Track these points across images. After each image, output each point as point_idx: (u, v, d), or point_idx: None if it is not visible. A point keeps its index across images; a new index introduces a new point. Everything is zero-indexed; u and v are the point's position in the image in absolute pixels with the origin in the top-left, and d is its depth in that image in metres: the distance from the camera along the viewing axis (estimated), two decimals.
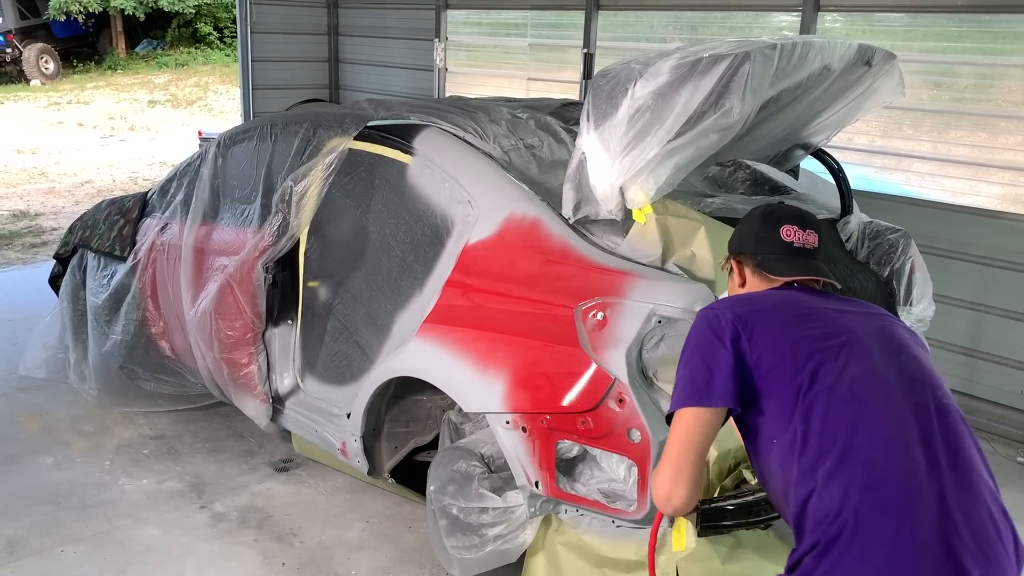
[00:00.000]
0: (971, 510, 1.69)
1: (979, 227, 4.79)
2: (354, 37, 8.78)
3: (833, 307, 1.96)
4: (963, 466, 1.73)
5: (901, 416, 1.75)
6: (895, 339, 1.90)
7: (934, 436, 1.74)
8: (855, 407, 1.75)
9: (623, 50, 6.45)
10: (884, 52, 3.16)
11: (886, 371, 1.82)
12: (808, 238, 2.05)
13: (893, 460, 1.70)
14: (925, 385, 1.82)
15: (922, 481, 1.68)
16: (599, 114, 2.70)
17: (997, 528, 1.70)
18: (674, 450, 1.89)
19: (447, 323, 3.08)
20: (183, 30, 22.24)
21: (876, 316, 1.98)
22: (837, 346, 1.83)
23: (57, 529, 3.59)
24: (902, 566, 1.63)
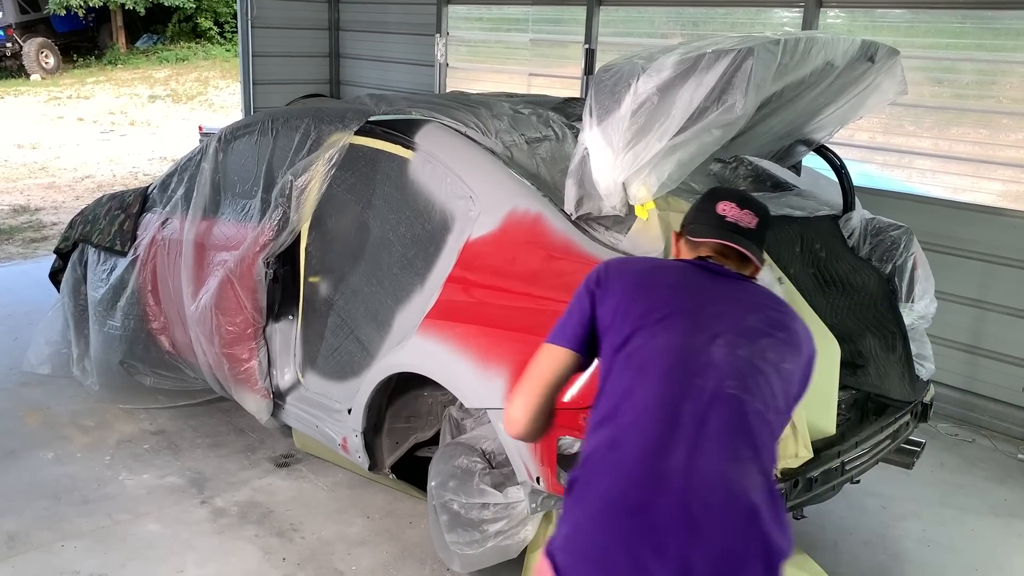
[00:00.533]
0: (699, 494, 1.71)
1: (981, 224, 4.79)
2: (355, 32, 8.76)
3: (704, 287, 1.97)
4: (714, 454, 1.74)
5: (671, 392, 1.80)
6: (741, 331, 1.88)
7: (695, 418, 1.77)
8: (636, 375, 1.85)
9: (624, 46, 6.44)
10: (887, 48, 3.15)
11: (688, 352, 1.84)
12: (743, 216, 2.04)
13: (639, 427, 1.79)
14: (722, 374, 1.81)
15: (654, 452, 1.75)
16: (602, 109, 2.69)
17: (725, 517, 1.70)
18: (526, 377, 2.03)
19: (448, 319, 3.08)
20: (183, 25, 22.22)
21: (753, 308, 1.95)
22: (657, 319, 1.89)
23: (58, 524, 3.59)
24: (602, 523, 1.74)
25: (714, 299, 1.95)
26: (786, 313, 1.98)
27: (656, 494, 1.72)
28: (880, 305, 3.34)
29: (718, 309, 1.93)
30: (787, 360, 1.88)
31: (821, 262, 3.25)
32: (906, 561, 3.62)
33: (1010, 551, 3.75)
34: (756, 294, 2.01)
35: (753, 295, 2.00)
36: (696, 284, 1.99)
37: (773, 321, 1.93)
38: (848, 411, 3.14)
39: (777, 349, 1.88)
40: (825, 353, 2.90)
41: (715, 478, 1.73)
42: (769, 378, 1.84)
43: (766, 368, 1.84)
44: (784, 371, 1.87)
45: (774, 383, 1.84)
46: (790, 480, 2.73)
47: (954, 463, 4.48)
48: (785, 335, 1.91)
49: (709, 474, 1.73)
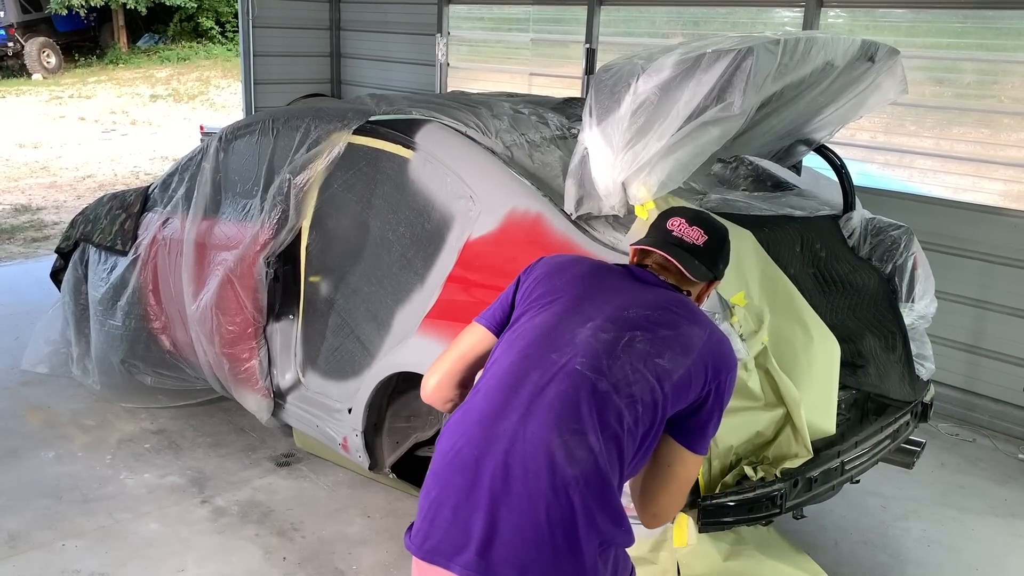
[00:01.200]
0: (520, 458, 1.76)
1: (981, 224, 4.79)
2: (356, 32, 8.76)
3: (609, 283, 2.01)
4: (542, 421, 1.78)
5: (525, 363, 1.87)
6: (615, 320, 1.91)
7: (536, 387, 1.82)
8: (506, 348, 1.95)
9: (625, 46, 6.44)
10: (887, 48, 3.15)
11: (556, 331, 1.91)
12: (690, 232, 2.06)
13: (489, 392, 1.87)
14: (576, 352, 1.85)
15: (493, 415, 1.82)
16: (601, 109, 2.69)
17: (537, 484, 1.73)
18: (448, 347, 2.15)
19: (449, 318, 3.08)
20: (185, 24, 22.23)
21: (645, 306, 1.95)
22: (546, 303, 1.99)
23: (58, 523, 3.59)
24: (438, 477, 1.84)
25: (609, 293, 1.98)
26: (685, 317, 1.95)
27: (485, 453, 1.78)
28: (880, 305, 3.34)
29: (606, 299, 1.96)
30: (664, 356, 1.86)
31: (821, 262, 3.25)
32: (906, 561, 3.62)
33: (1010, 551, 3.75)
34: (664, 297, 1.99)
35: (659, 297, 1.99)
36: (603, 279, 2.03)
37: (660, 319, 1.92)
38: (848, 411, 3.14)
39: (652, 343, 1.87)
40: (825, 353, 2.91)
41: (539, 444, 1.76)
42: (631, 364, 1.84)
43: (631, 355, 1.85)
44: (658, 365, 1.85)
45: (637, 371, 1.83)
46: (790, 480, 2.73)
47: (954, 463, 4.47)
48: (669, 333, 1.90)
49: (534, 439, 1.76)
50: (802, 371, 2.84)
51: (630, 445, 1.82)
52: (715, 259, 2.09)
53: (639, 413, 1.82)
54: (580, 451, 1.75)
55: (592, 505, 1.74)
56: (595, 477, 1.75)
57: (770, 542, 2.94)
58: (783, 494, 2.70)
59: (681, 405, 1.90)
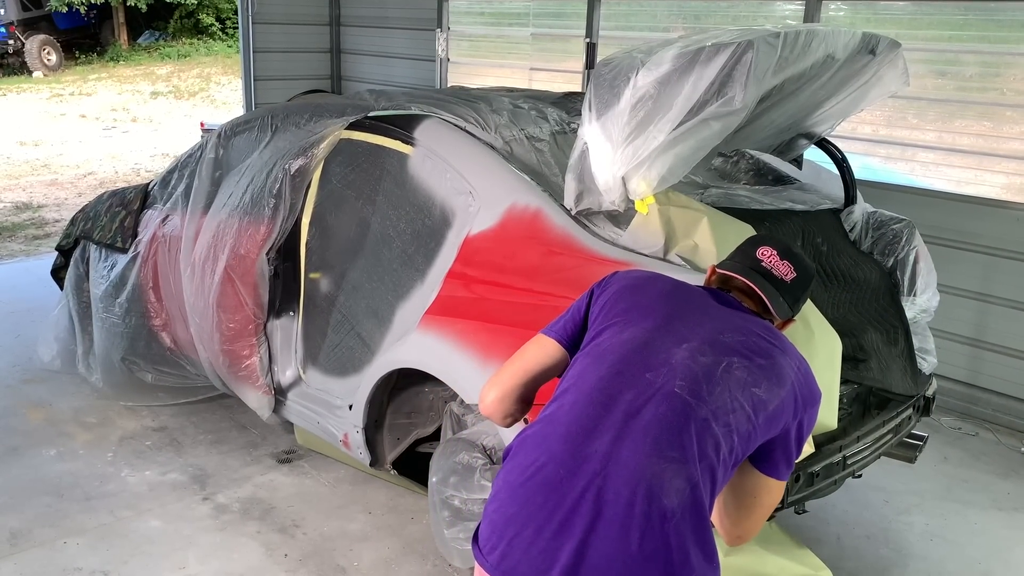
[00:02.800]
0: (613, 482, 1.67)
1: (984, 217, 4.77)
2: (356, 27, 8.75)
3: (695, 304, 1.94)
4: (639, 445, 1.70)
5: (616, 380, 1.79)
6: (712, 343, 1.84)
7: (630, 407, 1.74)
8: (592, 362, 1.86)
9: (626, 40, 6.42)
10: (888, 40, 3.14)
11: (649, 348, 1.83)
12: (780, 265, 1.99)
13: (576, 407, 1.78)
14: (675, 374, 1.77)
15: (581, 433, 1.73)
16: (601, 104, 2.68)
17: (630, 511, 1.64)
18: (510, 360, 2.05)
19: (449, 314, 3.07)
20: (185, 21, 22.21)
21: (737, 331, 1.88)
22: (632, 318, 1.90)
23: (60, 521, 3.59)
24: (516, 493, 1.74)
25: (699, 314, 1.91)
26: (777, 346, 1.88)
27: (573, 474, 1.69)
28: (882, 299, 3.33)
29: (697, 321, 1.89)
30: (760, 385, 1.79)
31: (823, 256, 3.24)
32: (909, 555, 3.62)
33: (1013, 545, 3.75)
34: (751, 323, 1.91)
35: (747, 323, 1.91)
36: (689, 299, 1.96)
37: (755, 346, 1.85)
38: (850, 405, 3.13)
39: (750, 371, 1.80)
40: (826, 347, 2.90)
41: (634, 470, 1.67)
42: (729, 392, 1.77)
43: (728, 382, 1.78)
44: (754, 395, 1.78)
45: (736, 399, 1.76)
46: (792, 475, 2.71)
47: (957, 457, 4.47)
48: (765, 362, 1.83)
49: (629, 464, 1.68)
50: None
51: (722, 475, 1.75)
52: (798, 298, 2.01)
53: (735, 443, 1.75)
54: (679, 481, 1.67)
55: (687, 539, 1.66)
56: (692, 509, 1.67)
57: (772, 537, 2.93)
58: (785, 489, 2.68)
59: (771, 435, 1.83)
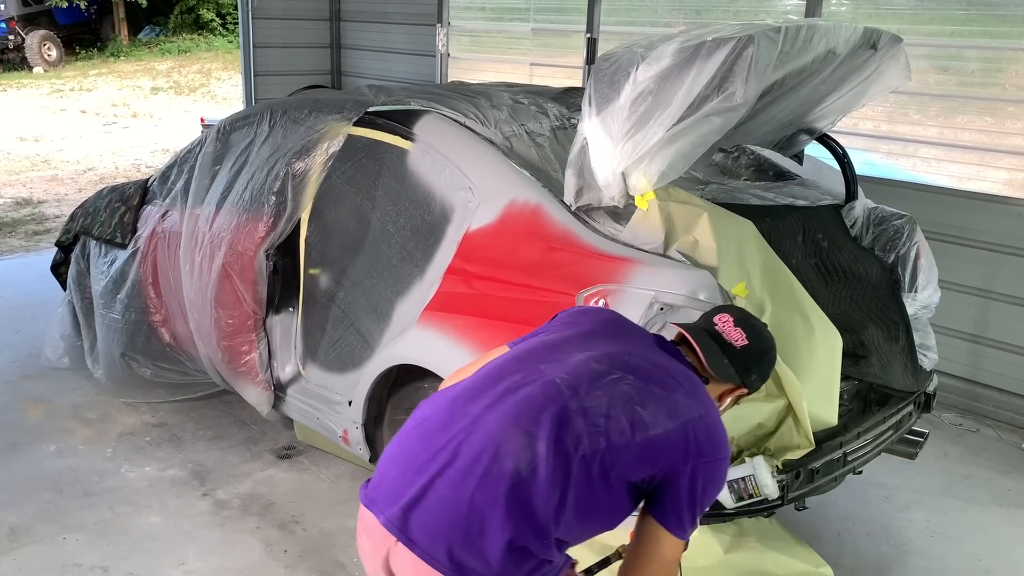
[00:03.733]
0: (470, 439, 1.83)
1: (986, 213, 4.75)
2: (356, 23, 8.73)
3: (626, 336, 2.08)
4: (503, 414, 1.84)
5: (514, 365, 1.98)
6: (613, 358, 1.95)
7: (513, 385, 1.90)
8: (509, 352, 2.09)
9: (627, 35, 6.40)
10: (890, 35, 3.12)
11: (555, 348, 2.01)
12: (732, 332, 2.06)
13: (471, 381, 1.97)
14: (563, 369, 1.91)
15: (466, 398, 1.93)
16: (601, 99, 2.67)
17: (473, 468, 1.79)
18: (472, 362, 2.27)
19: (448, 310, 3.06)
20: (186, 16, 22.17)
21: (648, 362, 1.98)
22: (561, 328, 2.12)
23: (59, 516, 3.59)
24: (401, 440, 1.96)
25: (623, 340, 2.03)
26: (684, 387, 1.93)
27: (446, 428, 1.87)
28: (883, 295, 3.32)
29: (615, 342, 2.01)
30: (646, 407, 1.85)
31: (823, 252, 3.23)
32: (909, 552, 3.61)
33: (1014, 541, 3.74)
34: (673, 366, 1.99)
35: (669, 364, 1.98)
36: (625, 331, 2.10)
37: (658, 377, 1.93)
38: (850, 402, 3.12)
39: (639, 391, 1.87)
40: (827, 343, 2.90)
41: (491, 432, 1.82)
42: (609, 399, 1.85)
43: (612, 391, 1.86)
44: (636, 413, 1.84)
45: (614, 408, 1.84)
46: (792, 471, 2.71)
47: (958, 453, 4.46)
48: (660, 391, 1.89)
49: (489, 427, 1.83)
50: (804, 362, 2.82)
51: (580, 477, 1.80)
52: (748, 366, 2.06)
53: (600, 447, 1.81)
54: (526, 452, 1.78)
55: (517, 506, 1.76)
56: (530, 482, 1.77)
57: (772, 533, 2.93)
58: (785, 485, 2.68)
59: (653, 468, 1.86)
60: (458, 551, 1.76)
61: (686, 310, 2.61)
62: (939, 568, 3.52)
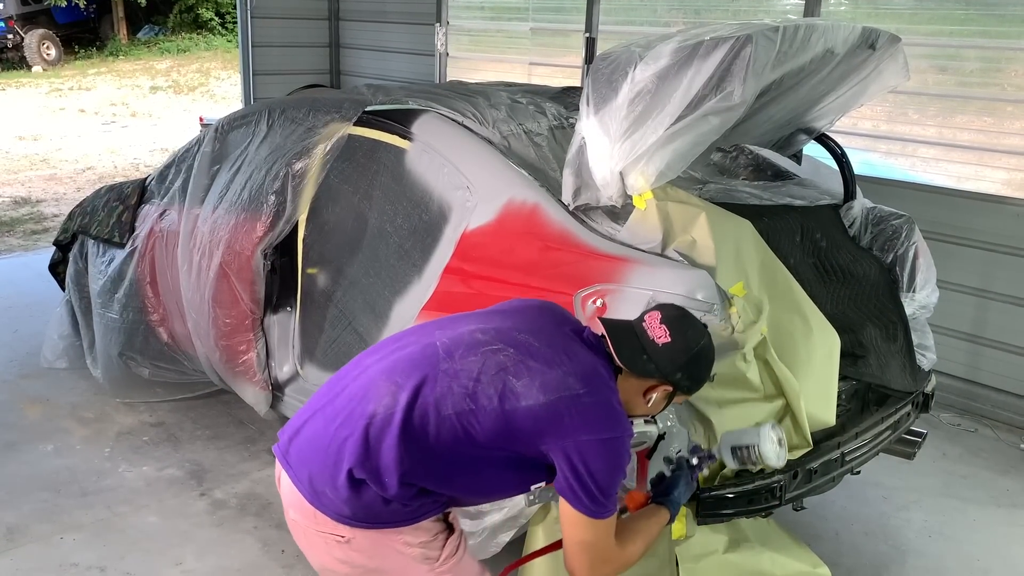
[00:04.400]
0: (354, 383, 2.08)
1: (984, 213, 4.75)
2: (355, 22, 8.72)
3: (540, 320, 2.16)
4: (384, 365, 2.07)
5: (416, 331, 2.20)
6: (500, 333, 2.07)
7: (404, 344, 2.12)
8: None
9: (626, 34, 6.40)
10: (888, 35, 3.12)
11: (459, 323, 2.16)
12: (656, 329, 2.07)
13: (384, 340, 2.24)
14: (448, 335, 2.08)
15: (366, 354, 2.18)
16: (599, 98, 2.66)
17: (346, 407, 2.04)
18: None
19: (446, 310, 3.05)
20: (185, 16, 22.15)
21: (546, 342, 2.06)
22: (480, 311, 2.27)
23: (57, 516, 3.59)
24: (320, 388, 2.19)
25: (527, 321, 2.14)
26: (574, 370, 1.99)
27: (343, 377, 2.13)
28: (881, 295, 3.31)
29: (517, 322, 2.12)
30: (520, 379, 1.95)
31: (822, 251, 3.23)
32: (907, 552, 3.61)
33: (1012, 541, 3.74)
34: (575, 348, 2.05)
35: (568, 344, 2.06)
36: (544, 318, 2.18)
37: (543, 355, 2.00)
38: (848, 402, 3.12)
39: (515, 363, 1.97)
40: (825, 343, 2.89)
41: (369, 378, 2.04)
42: (482, 366, 1.97)
43: (487, 360, 1.98)
44: (508, 383, 1.94)
45: (485, 374, 1.96)
46: (789, 471, 2.71)
47: (956, 453, 4.46)
48: (539, 367, 1.97)
49: (370, 374, 2.06)
50: (801, 362, 2.82)
51: (445, 434, 1.95)
52: (665, 363, 2.05)
53: (466, 408, 1.94)
54: (388, 398, 1.98)
55: (365, 443, 1.96)
56: (383, 426, 1.95)
57: (770, 534, 2.93)
58: (783, 486, 2.68)
59: (531, 441, 1.95)
60: (317, 478, 2.01)
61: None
62: (937, 568, 3.52)
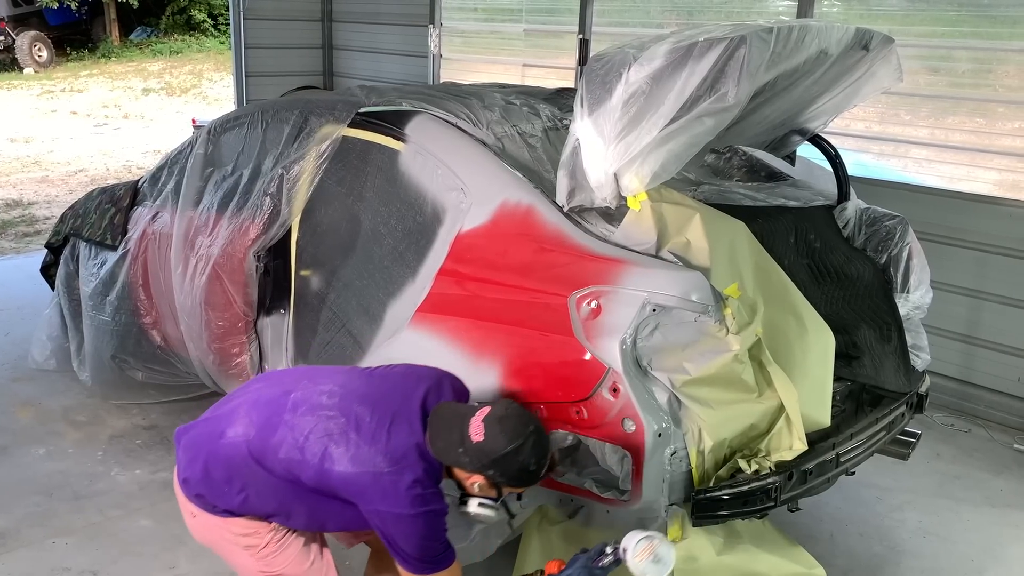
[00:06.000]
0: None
1: (977, 213, 4.77)
2: (348, 23, 8.72)
3: (401, 386, 2.46)
4: (252, 408, 2.47)
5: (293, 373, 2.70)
6: (343, 397, 2.40)
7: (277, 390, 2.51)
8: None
9: (619, 36, 6.41)
10: (882, 36, 3.12)
11: (319, 376, 2.54)
12: (475, 426, 2.28)
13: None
14: (301, 389, 2.46)
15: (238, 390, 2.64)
16: (593, 99, 2.65)
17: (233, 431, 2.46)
18: None
19: (440, 312, 3.05)
20: (177, 17, 22.10)
21: (378, 403, 2.39)
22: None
23: (49, 520, 3.57)
24: None
25: (377, 389, 2.44)
26: (386, 445, 2.28)
27: (238, 390, 2.64)
28: (875, 295, 3.32)
29: (369, 387, 2.44)
30: (339, 446, 2.28)
31: (816, 252, 3.23)
32: (902, 552, 3.62)
33: (1006, 542, 3.75)
34: (398, 429, 2.32)
35: (398, 426, 2.32)
36: (392, 384, 2.47)
37: (366, 430, 2.30)
38: (843, 402, 3.12)
39: (340, 432, 2.30)
40: (820, 344, 2.90)
41: (240, 403, 2.50)
42: (312, 427, 2.33)
43: (318, 423, 2.33)
44: (327, 447, 2.29)
45: (313, 435, 2.31)
46: (784, 473, 2.71)
47: (950, 454, 4.47)
48: (358, 441, 2.28)
49: (245, 398, 2.51)
50: (796, 363, 2.82)
51: (276, 468, 2.34)
52: (475, 460, 2.28)
53: (295, 458, 2.31)
54: (243, 427, 2.40)
55: (211, 459, 2.43)
56: (229, 450, 2.39)
57: (765, 535, 2.92)
58: (778, 487, 2.68)
59: (347, 499, 2.31)
60: (190, 463, 2.48)
61: (678, 311, 2.61)
62: (932, 568, 3.52)
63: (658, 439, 2.57)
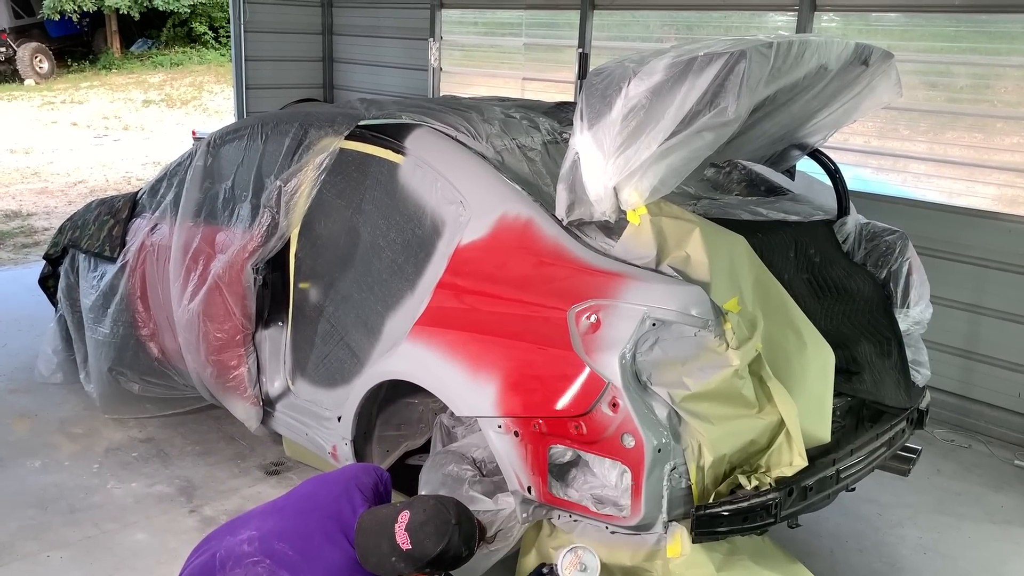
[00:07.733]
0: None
1: (976, 228, 4.77)
2: (348, 36, 8.74)
3: (314, 512, 2.52)
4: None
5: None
6: (263, 539, 2.45)
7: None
8: None
9: (619, 50, 6.42)
10: (881, 51, 3.13)
11: (251, 519, 2.58)
12: (400, 535, 2.35)
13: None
14: (225, 544, 2.48)
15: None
16: (593, 113, 2.66)
17: None
18: None
19: (438, 325, 3.04)
20: (178, 29, 22.17)
21: (296, 538, 2.45)
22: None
23: (44, 533, 3.54)
24: None
25: (292, 520, 2.49)
26: (315, 572, 2.37)
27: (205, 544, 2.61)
28: (875, 311, 3.31)
29: (285, 521, 2.48)
30: None
31: (815, 267, 3.22)
32: (902, 569, 3.59)
33: (1007, 558, 3.72)
34: (327, 550, 2.40)
35: (325, 548, 2.40)
36: (306, 508, 2.53)
37: (292, 564, 2.36)
38: (843, 418, 3.11)
39: (268, 572, 2.36)
40: (819, 359, 2.88)
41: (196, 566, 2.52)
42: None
43: (249, 572, 2.37)
44: None
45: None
46: (784, 489, 2.69)
47: (950, 469, 4.45)
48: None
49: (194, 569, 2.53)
50: (796, 378, 2.81)
51: None
52: (411, 564, 2.36)
53: None
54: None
55: None
56: None
57: (764, 551, 2.90)
58: (778, 503, 2.66)
59: None
60: None
61: (678, 326, 2.60)
62: None
63: (658, 455, 2.55)
